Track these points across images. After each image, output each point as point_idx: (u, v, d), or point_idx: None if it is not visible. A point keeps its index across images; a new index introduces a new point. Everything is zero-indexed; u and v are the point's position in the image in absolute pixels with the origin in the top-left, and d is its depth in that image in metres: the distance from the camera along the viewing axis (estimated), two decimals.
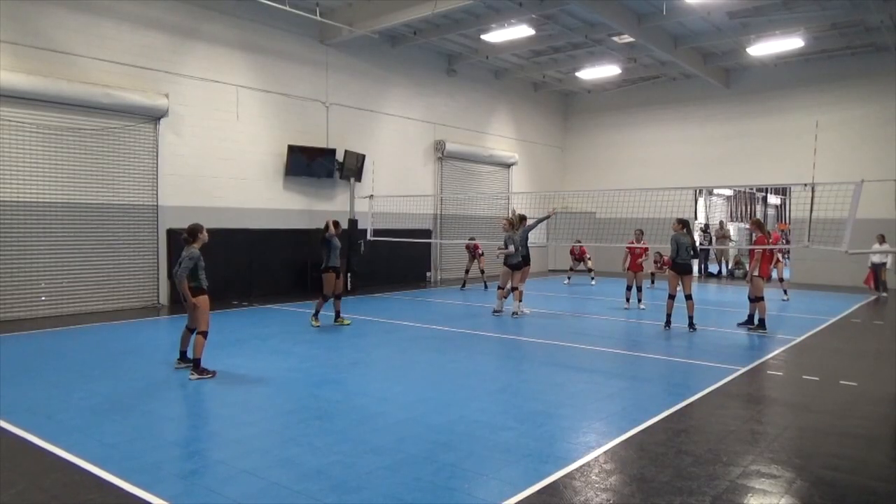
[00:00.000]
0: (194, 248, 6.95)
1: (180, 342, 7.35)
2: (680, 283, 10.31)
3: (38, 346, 8.74)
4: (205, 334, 6.96)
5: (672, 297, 10.35)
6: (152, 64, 12.23)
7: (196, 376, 6.83)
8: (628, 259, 13.07)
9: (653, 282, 16.91)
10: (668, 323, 10.37)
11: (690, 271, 10.45)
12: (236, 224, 13.57)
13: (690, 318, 10.25)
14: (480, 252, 16.25)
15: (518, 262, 11.66)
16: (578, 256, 18.38)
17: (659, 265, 16.99)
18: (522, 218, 12.20)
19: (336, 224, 10.44)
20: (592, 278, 18.12)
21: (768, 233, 11.06)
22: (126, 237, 12.02)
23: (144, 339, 9.34)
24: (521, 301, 11.89)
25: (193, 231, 7.05)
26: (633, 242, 12.78)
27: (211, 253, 7.37)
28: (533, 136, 22.05)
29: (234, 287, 13.29)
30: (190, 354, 7.06)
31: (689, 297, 10.29)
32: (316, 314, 10.48)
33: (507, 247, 11.54)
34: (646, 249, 13.27)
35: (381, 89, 16.78)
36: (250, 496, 4.02)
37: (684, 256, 10.26)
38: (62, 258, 11.21)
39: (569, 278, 18.33)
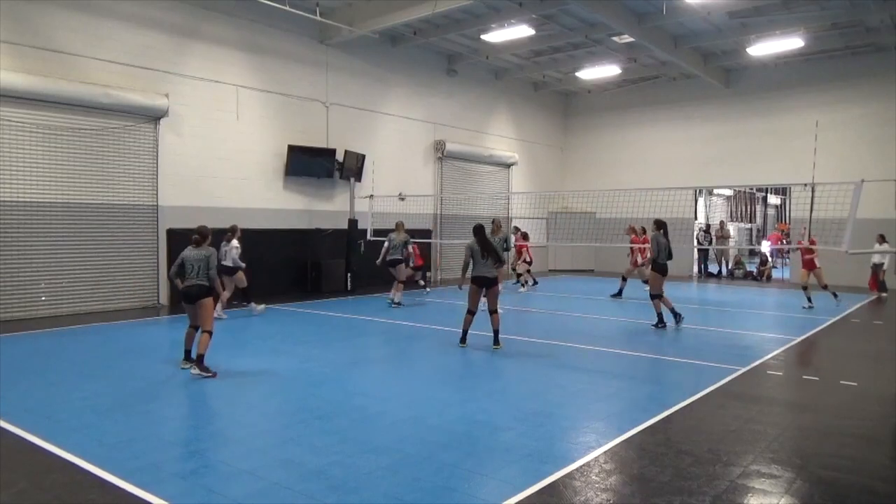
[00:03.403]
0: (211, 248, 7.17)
1: (185, 341, 7.34)
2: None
3: (38, 346, 8.73)
4: (210, 333, 7.00)
5: (660, 296, 10.35)
6: (152, 64, 12.23)
7: (197, 371, 6.85)
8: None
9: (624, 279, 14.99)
10: (661, 321, 10.36)
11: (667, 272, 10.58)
12: (236, 224, 13.53)
13: (672, 310, 10.38)
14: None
15: (395, 260, 12.87)
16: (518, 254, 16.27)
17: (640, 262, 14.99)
18: (499, 226, 13.24)
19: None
20: (522, 284, 16.10)
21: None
22: (126, 237, 12.01)
23: (144, 339, 9.34)
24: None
25: (207, 234, 7.23)
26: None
27: None
28: (533, 136, 22.05)
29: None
30: (194, 353, 7.06)
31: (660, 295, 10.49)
32: (463, 336, 8.83)
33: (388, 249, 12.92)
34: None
35: (381, 89, 16.78)
36: (250, 496, 4.02)
37: (664, 258, 10.28)
38: (62, 258, 11.21)
39: (524, 284, 16.24)
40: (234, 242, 10.80)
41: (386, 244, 12.96)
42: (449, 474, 4.38)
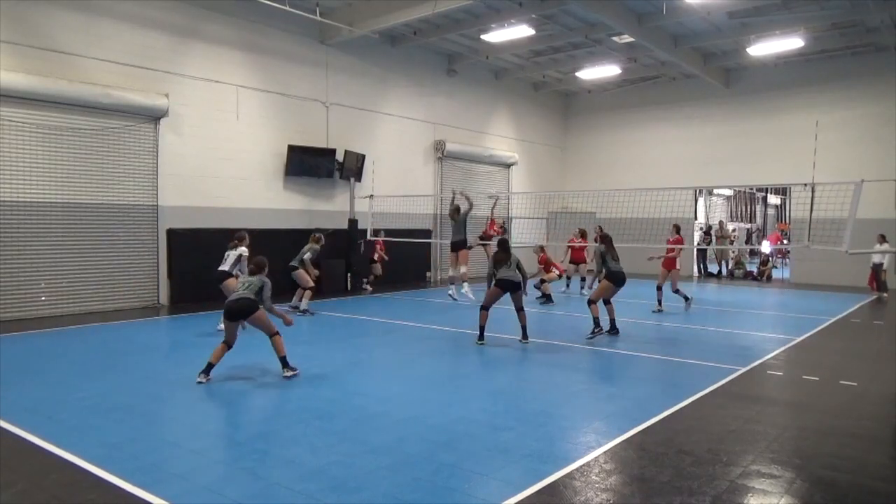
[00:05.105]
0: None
1: (212, 355, 6.91)
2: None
3: (38, 346, 8.73)
4: (278, 334, 7.16)
5: (595, 302, 9.76)
6: (152, 64, 12.23)
7: (290, 373, 7.05)
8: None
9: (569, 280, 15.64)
10: (598, 325, 9.72)
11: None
12: (236, 224, 13.49)
13: (596, 319, 9.85)
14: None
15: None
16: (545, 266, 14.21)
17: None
18: (458, 209, 13.22)
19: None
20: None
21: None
22: (126, 237, 12.01)
23: (144, 339, 9.34)
24: (463, 282, 12.82)
25: (263, 265, 7.62)
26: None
27: (211, 253, 7.38)
28: (533, 136, 22.05)
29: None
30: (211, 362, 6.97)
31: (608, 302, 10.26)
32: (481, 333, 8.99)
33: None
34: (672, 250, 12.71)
35: (381, 89, 16.78)
36: (250, 496, 4.02)
37: (615, 266, 9.83)
38: (62, 258, 11.21)
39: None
40: (243, 248, 9.65)
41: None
42: (449, 474, 4.38)
